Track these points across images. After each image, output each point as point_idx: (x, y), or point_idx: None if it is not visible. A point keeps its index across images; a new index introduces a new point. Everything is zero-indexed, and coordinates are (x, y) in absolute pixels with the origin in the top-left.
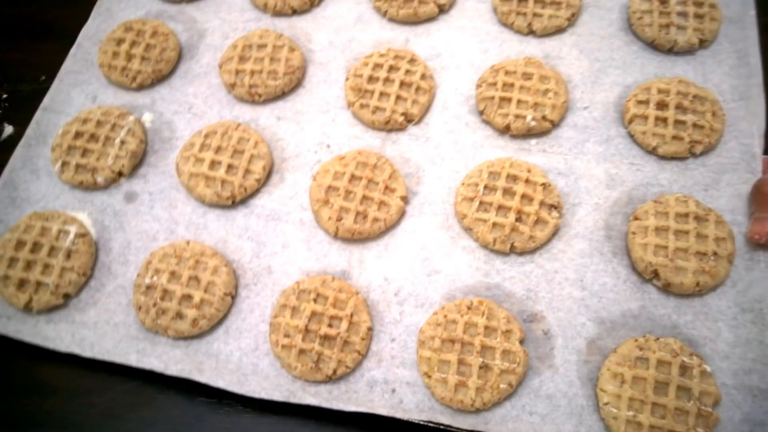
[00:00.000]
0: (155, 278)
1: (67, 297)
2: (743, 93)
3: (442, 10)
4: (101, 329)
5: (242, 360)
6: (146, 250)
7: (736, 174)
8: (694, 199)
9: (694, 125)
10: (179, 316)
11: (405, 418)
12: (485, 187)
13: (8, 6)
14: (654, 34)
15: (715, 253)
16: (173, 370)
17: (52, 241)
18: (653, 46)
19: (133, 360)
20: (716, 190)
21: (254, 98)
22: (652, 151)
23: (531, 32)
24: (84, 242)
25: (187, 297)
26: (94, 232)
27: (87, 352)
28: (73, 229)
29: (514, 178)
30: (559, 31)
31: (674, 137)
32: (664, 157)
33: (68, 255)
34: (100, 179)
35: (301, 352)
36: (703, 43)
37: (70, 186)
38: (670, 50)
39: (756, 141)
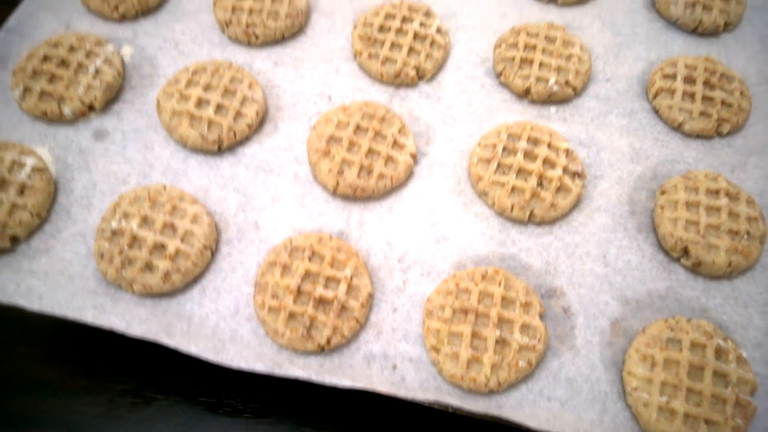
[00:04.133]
0: (123, 222)
1: (15, 240)
2: None
3: None
4: (53, 280)
5: (219, 324)
6: (114, 194)
7: (764, 157)
8: (724, 176)
9: (723, 102)
10: (149, 267)
11: (408, 398)
12: (504, 148)
13: None
14: (679, 12)
15: (747, 233)
16: (137, 330)
17: (4, 173)
18: (677, 24)
19: (89, 317)
20: (743, 172)
21: (250, 39)
22: (677, 128)
23: (552, 1)
24: (41, 178)
25: (160, 246)
26: (54, 170)
27: (33, 305)
28: (29, 162)
29: (535, 141)
30: (581, 2)
31: (702, 113)
32: (689, 135)
33: (21, 190)
34: (67, 110)
35: (291, 316)
36: (728, 26)
37: (32, 116)
38: (694, 30)
39: None
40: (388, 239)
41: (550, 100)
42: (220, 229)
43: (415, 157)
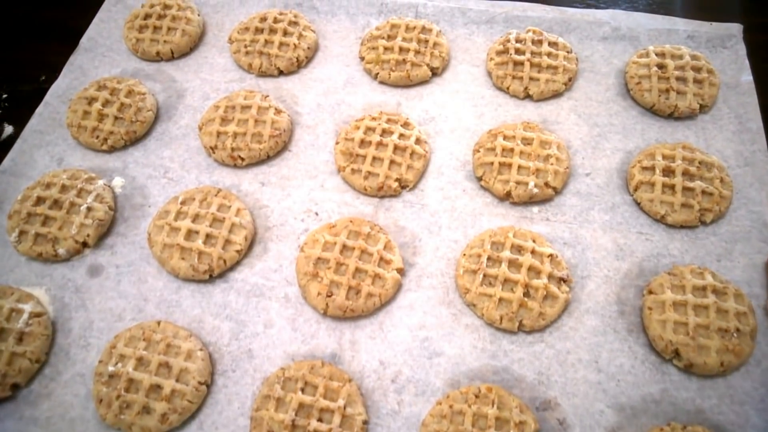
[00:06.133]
0: (120, 365)
1: (15, 388)
2: (747, 159)
3: (435, 73)
4: (54, 426)
5: None
6: (110, 331)
7: (749, 243)
8: (709, 270)
9: (703, 192)
10: (146, 410)
11: None
12: (488, 258)
13: (9, 6)
14: (653, 99)
15: (737, 330)
16: None
17: (2, 322)
18: (653, 111)
19: None
20: (729, 261)
21: (236, 162)
22: (660, 220)
23: (527, 96)
24: (39, 323)
25: (156, 387)
26: (51, 311)
27: None
28: (27, 308)
29: (519, 249)
30: (556, 95)
31: (683, 205)
32: (673, 226)
33: (20, 338)
34: (61, 251)
35: None
36: (703, 108)
37: (28, 258)
38: (671, 115)
39: (766, 209)
40: (380, 358)
41: (531, 201)
42: (214, 360)
43: (402, 272)
